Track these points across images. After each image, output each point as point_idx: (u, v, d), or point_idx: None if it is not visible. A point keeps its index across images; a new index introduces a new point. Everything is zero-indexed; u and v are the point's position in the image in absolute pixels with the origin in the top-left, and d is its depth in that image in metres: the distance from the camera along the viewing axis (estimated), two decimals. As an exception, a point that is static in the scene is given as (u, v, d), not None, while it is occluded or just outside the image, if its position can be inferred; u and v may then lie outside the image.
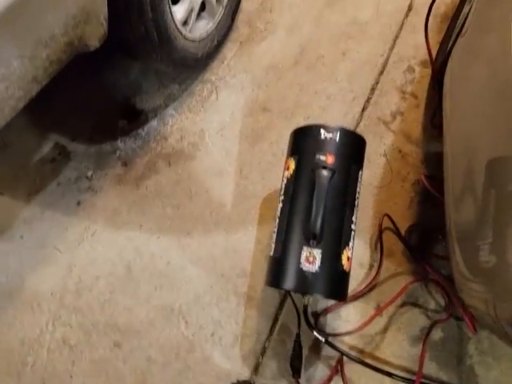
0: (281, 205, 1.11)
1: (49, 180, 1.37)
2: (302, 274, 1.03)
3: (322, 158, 1.08)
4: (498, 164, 0.85)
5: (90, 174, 1.38)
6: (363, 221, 1.34)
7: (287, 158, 1.15)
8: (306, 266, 1.03)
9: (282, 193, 1.12)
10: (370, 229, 1.35)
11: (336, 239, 1.06)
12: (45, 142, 1.41)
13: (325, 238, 1.04)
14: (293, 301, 1.22)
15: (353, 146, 1.14)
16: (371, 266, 1.31)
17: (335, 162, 1.08)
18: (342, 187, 1.09)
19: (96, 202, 1.35)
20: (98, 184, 1.37)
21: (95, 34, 1.11)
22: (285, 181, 1.13)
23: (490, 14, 1.03)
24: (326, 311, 1.24)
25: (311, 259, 1.04)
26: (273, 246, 1.10)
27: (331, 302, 1.24)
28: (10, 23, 0.84)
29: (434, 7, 1.59)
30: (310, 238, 1.04)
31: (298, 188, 1.09)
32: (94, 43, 1.13)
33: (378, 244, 1.32)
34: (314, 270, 1.03)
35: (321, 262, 1.03)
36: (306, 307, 1.20)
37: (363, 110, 1.52)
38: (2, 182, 1.36)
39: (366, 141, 1.16)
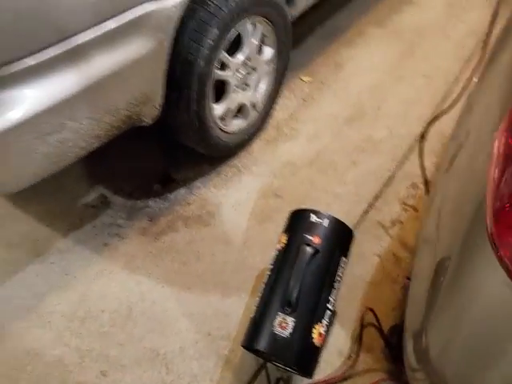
0: (269, 272, 1.27)
1: (87, 222, 1.63)
2: (273, 337, 1.14)
3: (309, 237, 1.25)
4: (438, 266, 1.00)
5: (121, 222, 1.63)
6: (349, 312, 1.44)
7: (282, 233, 1.33)
8: (278, 330, 1.14)
9: (272, 262, 1.28)
10: (355, 321, 1.43)
11: (310, 312, 1.18)
12: (92, 191, 1.72)
13: (299, 308, 1.16)
14: (267, 373, 1.30)
15: (339, 234, 1.31)
16: (349, 357, 1.36)
17: (320, 244, 1.25)
18: (324, 267, 1.24)
19: (120, 246, 1.58)
20: (125, 232, 1.61)
21: (150, 114, 1.44)
22: (276, 252, 1.30)
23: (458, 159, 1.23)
24: (297, 391, 1.29)
25: (284, 325, 1.15)
26: (255, 308, 1.23)
27: (305, 382, 1.29)
28: (90, 94, 1.17)
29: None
30: (285, 305, 1.16)
31: (284, 259, 1.25)
32: (148, 121, 1.46)
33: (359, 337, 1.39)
34: (284, 335, 1.13)
35: (292, 329, 1.14)
36: (278, 380, 1.28)
37: (365, 212, 1.71)
38: (50, 216, 1.64)
39: (364, 239, 1.31)
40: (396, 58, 2.44)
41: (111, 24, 1.15)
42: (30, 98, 1.08)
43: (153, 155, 1.87)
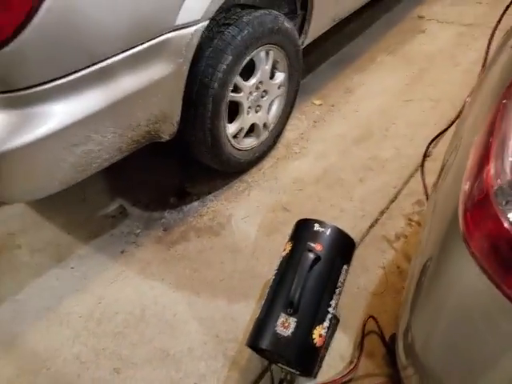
0: (273, 277, 1.35)
1: (106, 230, 1.75)
2: (275, 335, 1.20)
3: (312, 244, 1.33)
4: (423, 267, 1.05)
5: (138, 231, 1.74)
6: (352, 320, 1.49)
7: (287, 241, 1.41)
8: (280, 329, 1.21)
9: (277, 268, 1.36)
10: (358, 329, 1.47)
11: (311, 314, 1.24)
12: (112, 202, 1.84)
13: (301, 309, 1.23)
14: (271, 374, 1.35)
15: (341, 242, 1.37)
16: (351, 362, 1.40)
17: (322, 251, 1.32)
18: (325, 272, 1.31)
19: (136, 253, 1.68)
20: (141, 240, 1.72)
21: (167, 131, 1.56)
22: (281, 259, 1.37)
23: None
24: (300, 392, 1.33)
25: (286, 324, 1.22)
26: (259, 310, 1.31)
27: (308, 384, 1.34)
28: (114, 111, 1.30)
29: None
30: (288, 307, 1.23)
31: (288, 265, 1.32)
32: (166, 137, 1.58)
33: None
34: (286, 334, 1.20)
35: (294, 329, 1.20)
36: (282, 381, 1.33)
37: (371, 227, 1.77)
38: (73, 225, 1.77)
39: (368, 251, 1.38)
40: (405, 84, 2.54)
41: (137, 49, 1.29)
42: (60, 113, 1.19)
43: (170, 170, 2.00)
